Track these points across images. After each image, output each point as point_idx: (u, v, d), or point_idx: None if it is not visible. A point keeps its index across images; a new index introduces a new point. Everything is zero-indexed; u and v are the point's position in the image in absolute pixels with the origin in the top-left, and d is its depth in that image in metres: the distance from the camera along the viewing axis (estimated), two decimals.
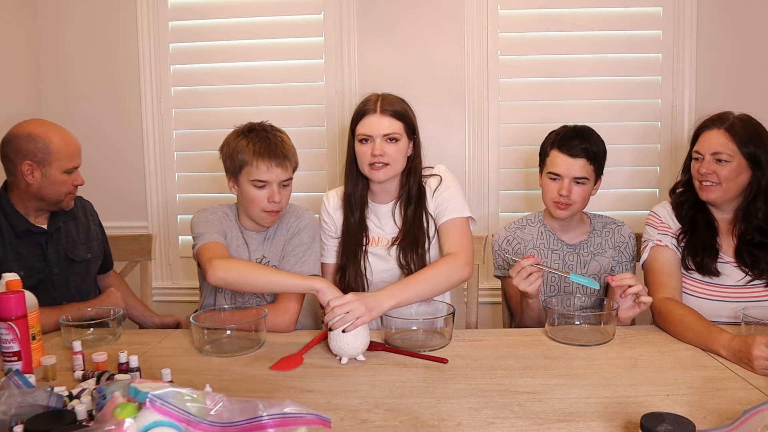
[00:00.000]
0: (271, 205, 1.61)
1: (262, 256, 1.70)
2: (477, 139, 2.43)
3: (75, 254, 1.78)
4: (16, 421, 0.92)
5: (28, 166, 1.64)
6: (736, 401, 1.10)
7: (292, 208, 1.73)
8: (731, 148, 1.54)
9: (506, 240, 1.84)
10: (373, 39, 2.42)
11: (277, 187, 1.60)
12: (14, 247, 1.68)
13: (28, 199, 1.70)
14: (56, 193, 1.69)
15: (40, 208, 1.73)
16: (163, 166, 2.55)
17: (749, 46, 2.33)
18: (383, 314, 1.44)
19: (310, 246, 1.68)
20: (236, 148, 1.60)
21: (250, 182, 1.59)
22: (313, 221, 1.73)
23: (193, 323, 1.44)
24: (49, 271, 1.73)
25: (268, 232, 1.71)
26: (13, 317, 1.25)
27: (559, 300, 1.62)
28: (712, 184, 1.57)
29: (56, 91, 2.54)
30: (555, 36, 2.38)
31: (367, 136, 1.63)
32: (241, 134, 1.63)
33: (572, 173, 1.69)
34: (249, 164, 1.58)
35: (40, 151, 1.64)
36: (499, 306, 2.04)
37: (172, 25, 2.48)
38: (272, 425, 0.81)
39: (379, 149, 1.61)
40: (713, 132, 1.58)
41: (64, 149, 1.68)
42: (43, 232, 1.73)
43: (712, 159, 1.56)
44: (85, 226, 1.85)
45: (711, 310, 1.55)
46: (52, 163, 1.66)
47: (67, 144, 1.69)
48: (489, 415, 1.07)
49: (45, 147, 1.65)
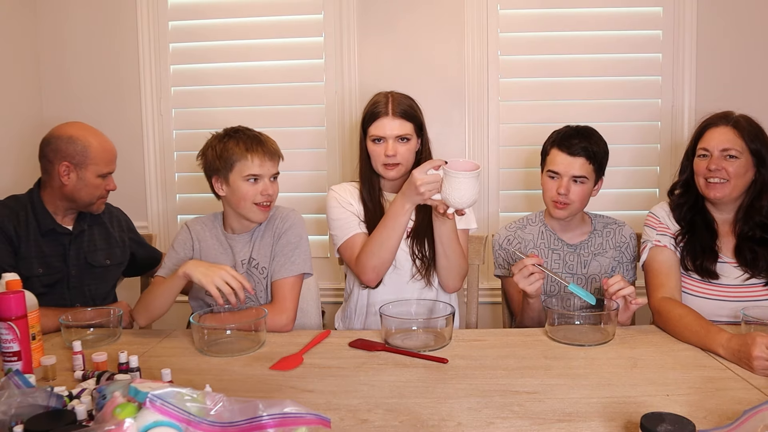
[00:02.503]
0: (264, 197, 1.64)
1: (249, 258, 1.71)
2: (477, 139, 2.43)
3: (94, 259, 1.81)
4: (16, 421, 0.92)
5: (65, 167, 1.69)
6: (736, 401, 1.10)
7: (278, 211, 1.75)
8: (740, 144, 1.55)
9: (507, 239, 1.84)
10: (373, 39, 2.42)
11: (269, 181, 1.64)
12: (38, 244, 1.71)
13: (60, 199, 1.74)
14: (89, 195, 1.74)
15: (70, 209, 1.77)
16: (163, 166, 2.55)
17: (749, 46, 2.33)
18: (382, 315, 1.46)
19: (298, 245, 1.70)
20: (225, 148, 1.63)
21: (243, 178, 1.62)
22: (300, 221, 1.75)
23: (193, 323, 1.45)
24: (67, 273, 1.75)
25: (254, 234, 1.72)
26: (13, 317, 1.25)
27: (559, 300, 1.62)
28: (720, 181, 1.56)
29: (56, 91, 2.54)
30: (555, 36, 2.38)
31: (379, 137, 1.70)
32: (226, 136, 1.66)
33: (571, 171, 1.69)
34: (241, 160, 1.61)
35: (79, 154, 1.70)
36: (499, 306, 2.04)
37: (172, 25, 2.48)
38: (272, 425, 0.81)
39: (392, 149, 1.69)
40: (721, 128, 1.58)
41: (102, 154, 1.73)
42: (68, 233, 1.76)
43: (722, 155, 1.56)
44: (109, 233, 1.87)
45: (710, 309, 1.55)
46: (89, 167, 1.71)
47: (104, 149, 1.74)
48: (489, 415, 1.07)
49: (84, 150, 1.70)
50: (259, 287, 1.70)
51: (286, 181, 2.46)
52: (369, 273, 1.69)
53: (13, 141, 2.38)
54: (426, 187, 1.49)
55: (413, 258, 1.74)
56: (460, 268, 1.72)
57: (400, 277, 1.75)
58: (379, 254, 1.66)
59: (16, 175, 2.35)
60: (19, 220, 1.70)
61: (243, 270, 1.70)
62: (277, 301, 1.63)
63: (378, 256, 1.66)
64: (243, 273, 1.69)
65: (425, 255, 1.74)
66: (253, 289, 1.50)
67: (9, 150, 2.36)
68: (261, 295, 1.71)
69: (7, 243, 1.66)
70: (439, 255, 1.69)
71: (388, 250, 1.66)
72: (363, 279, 1.72)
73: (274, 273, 1.67)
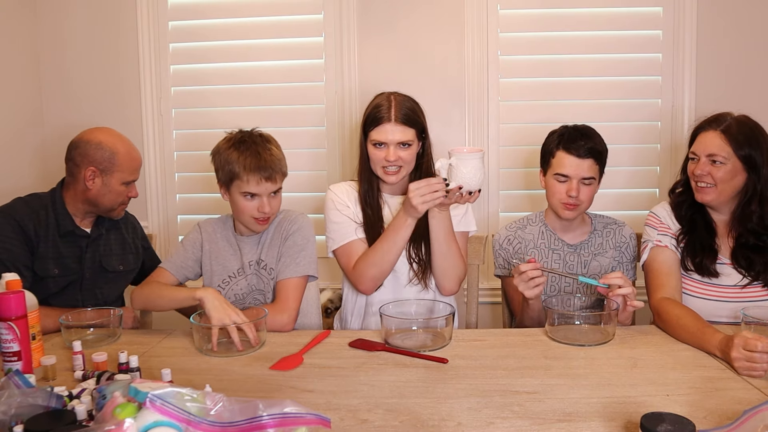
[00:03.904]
0: (261, 214, 1.63)
1: (258, 259, 1.71)
2: (477, 139, 2.42)
3: (108, 263, 1.81)
4: (16, 421, 0.92)
5: (91, 172, 1.70)
6: (736, 401, 1.10)
7: (288, 214, 1.76)
8: (726, 150, 1.54)
9: (507, 239, 1.84)
10: (373, 39, 2.42)
11: (267, 199, 1.63)
12: (56, 245, 1.71)
13: (82, 202, 1.75)
14: (111, 201, 1.75)
15: (90, 212, 1.78)
16: (163, 166, 2.55)
17: (749, 46, 2.33)
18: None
19: (304, 247, 1.70)
20: (227, 160, 1.62)
21: (241, 194, 1.62)
22: (307, 224, 1.75)
23: (193, 323, 1.45)
24: (82, 275, 1.76)
25: (262, 236, 1.73)
26: (13, 317, 1.25)
27: (559, 300, 1.62)
28: (707, 186, 1.57)
29: (56, 91, 2.54)
30: (555, 36, 2.38)
31: (381, 142, 1.68)
32: (232, 145, 1.64)
33: (581, 174, 1.69)
34: (239, 178, 1.60)
35: (106, 160, 1.71)
36: (499, 306, 2.04)
37: (172, 25, 2.48)
38: (272, 425, 0.81)
39: (393, 155, 1.67)
40: (709, 134, 1.57)
41: (128, 162, 1.75)
42: (86, 236, 1.77)
43: (708, 160, 1.56)
44: (124, 239, 1.88)
45: (710, 310, 1.55)
46: (114, 173, 1.72)
47: (131, 158, 1.76)
48: (489, 415, 1.07)
49: (111, 157, 1.71)
50: (267, 288, 1.71)
51: (286, 181, 2.47)
52: (367, 282, 1.69)
53: (13, 141, 2.37)
54: (418, 200, 1.52)
55: (410, 261, 1.74)
56: (457, 269, 1.71)
57: (398, 280, 1.74)
58: (379, 265, 1.66)
59: (17, 175, 2.35)
60: (39, 220, 1.70)
61: (251, 271, 1.70)
62: (279, 301, 1.64)
63: (378, 267, 1.67)
64: (252, 274, 1.70)
65: (422, 258, 1.73)
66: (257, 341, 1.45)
67: (9, 150, 2.35)
68: (268, 296, 1.72)
69: (26, 242, 1.66)
70: (436, 255, 1.69)
71: (389, 261, 1.66)
72: (360, 287, 1.72)
73: (279, 273, 1.68)
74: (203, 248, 1.73)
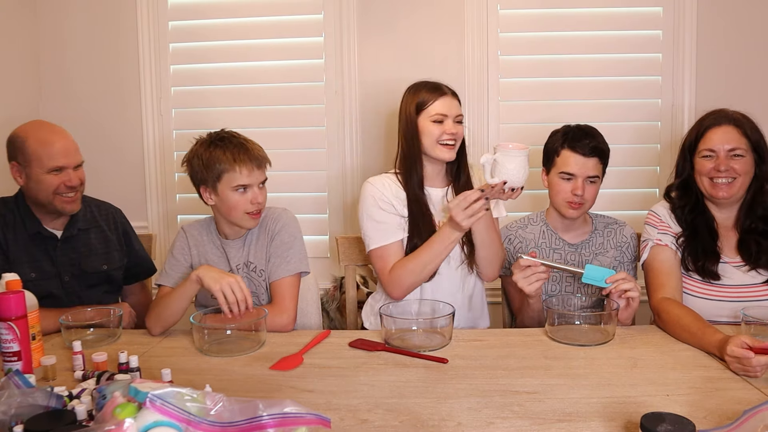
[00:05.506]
0: (254, 206, 1.62)
1: (247, 261, 1.70)
2: (477, 139, 2.42)
3: (89, 265, 1.75)
4: (16, 421, 0.92)
5: (15, 169, 1.63)
6: (736, 401, 1.10)
7: (269, 212, 1.74)
8: (744, 142, 1.56)
9: (507, 239, 1.85)
10: (373, 39, 2.42)
11: (257, 189, 1.63)
12: (27, 247, 1.67)
13: (32, 203, 1.68)
14: (46, 194, 1.63)
15: (48, 212, 1.69)
16: (163, 166, 2.55)
17: (749, 46, 2.33)
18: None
19: (291, 245, 1.69)
20: (212, 159, 1.60)
21: (232, 188, 1.60)
22: (292, 220, 1.74)
23: (193, 323, 1.45)
24: (60, 278, 1.71)
25: (247, 238, 1.71)
26: (13, 317, 1.24)
27: (559, 300, 1.62)
28: (728, 181, 1.56)
29: (56, 91, 2.54)
30: (555, 36, 2.38)
31: (442, 116, 1.68)
32: (212, 144, 1.62)
33: (586, 172, 1.69)
34: (229, 171, 1.59)
35: (20, 152, 1.62)
36: (499, 306, 2.04)
37: (172, 25, 2.48)
38: (272, 425, 0.81)
39: (453, 128, 1.68)
40: (724, 128, 1.58)
41: (40, 148, 1.60)
42: (53, 238, 1.71)
43: (728, 155, 1.56)
44: (107, 236, 1.81)
45: (711, 310, 1.55)
46: (32, 163, 1.60)
47: (43, 142, 1.60)
48: (489, 415, 1.07)
49: (22, 147, 1.61)
50: (259, 290, 1.70)
51: (286, 181, 2.48)
52: (403, 290, 1.67)
53: None
54: (461, 216, 1.51)
55: (462, 244, 1.72)
56: (498, 257, 1.72)
57: (448, 263, 1.72)
58: (419, 274, 1.65)
59: None
60: (6, 222, 1.66)
61: (241, 275, 1.68)
62: (277, 302, 1.63)
63: (417, 276, 1.65)
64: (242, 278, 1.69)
65: (470, 240, 1.72)
66: (253, 305, 1.48)
67: None
68: (263, 298, 1.71)
69: None
70: (479, 246, 1.68)
71: (429, 272, 1.66)
72: (393, 293, 1.68)
73: (271, 274, 1.67)
74: (191, 253, 1.71)
